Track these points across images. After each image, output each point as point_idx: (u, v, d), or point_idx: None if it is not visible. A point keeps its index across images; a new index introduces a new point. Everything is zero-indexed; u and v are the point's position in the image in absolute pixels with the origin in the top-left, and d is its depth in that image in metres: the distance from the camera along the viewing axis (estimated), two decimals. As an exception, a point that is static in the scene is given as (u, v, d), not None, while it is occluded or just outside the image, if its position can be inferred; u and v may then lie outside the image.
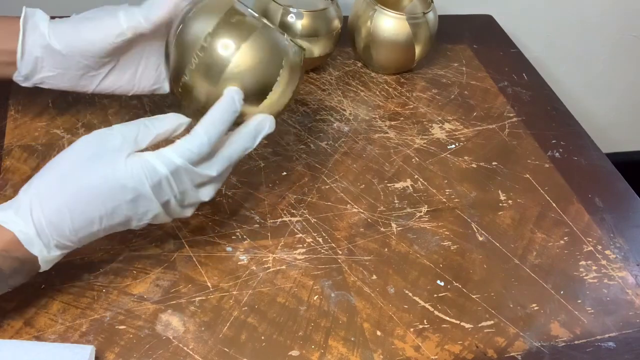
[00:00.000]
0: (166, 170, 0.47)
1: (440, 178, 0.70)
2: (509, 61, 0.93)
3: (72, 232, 0.46)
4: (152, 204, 0.48)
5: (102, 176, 0.46)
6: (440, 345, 0.54)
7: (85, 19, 0.57)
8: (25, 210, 0.45)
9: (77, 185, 0.46)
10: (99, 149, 0.47)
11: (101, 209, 0.46)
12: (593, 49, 1.20)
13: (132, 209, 0.47)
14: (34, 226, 0.45)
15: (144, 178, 0.46)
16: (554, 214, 0.69)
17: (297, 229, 0.62)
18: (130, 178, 0.46)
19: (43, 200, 0.45)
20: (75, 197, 0.46)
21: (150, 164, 0.46)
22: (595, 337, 0.58)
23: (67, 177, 0.46)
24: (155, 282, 0.55)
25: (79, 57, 0.57)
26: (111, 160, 0.46)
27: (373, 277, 0.59)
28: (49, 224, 0.45)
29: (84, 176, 0.46)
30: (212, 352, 0.51)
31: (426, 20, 0.80)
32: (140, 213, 0.48)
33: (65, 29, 0.56)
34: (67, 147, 0.48)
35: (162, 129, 0.49)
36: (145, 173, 0.46)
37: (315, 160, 0.69)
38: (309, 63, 0.80)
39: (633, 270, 0.64)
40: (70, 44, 0.56)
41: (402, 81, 0.84)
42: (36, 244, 0.45)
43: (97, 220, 0.46)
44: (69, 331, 0.50)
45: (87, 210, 0.46)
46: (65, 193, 0.46)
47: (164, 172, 0.47)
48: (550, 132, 0.80)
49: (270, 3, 0.76)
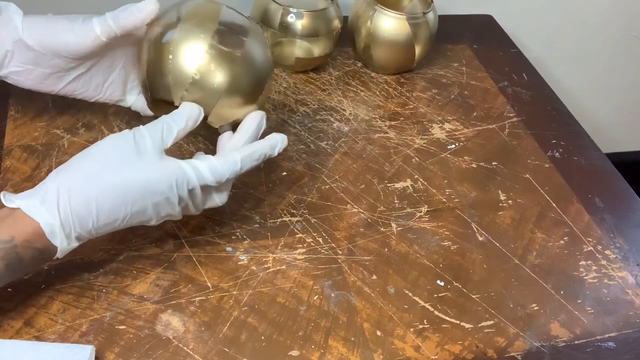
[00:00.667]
0: (197, 183, 0.50)
1: (440, 178, 0.70)
2: (509, 61, 0.93)
3: (95, 226, 0.47)
4: (175, 208, 0.50)
5: (134, 178, 0.47)
6: (440, 345, 0.54)
7: (61, 19, 0.57)
8: (52, 201, 0.45)
9: (109, 183, 0.46)
10: (130, 150, 0.48)
11: (128, 208, 0.47)
12: (593, 49, 1.20)
13: (156, 210, 0.49)
14: (59, 218, 0.45)
15: (174, 185, 0.48)
16: (554, 214, 0.69)
17: (297, 229, 0.62)
18: (163, 183, 0.48)
19: (72, 194, 0.46)
20: (105, 195, 0.46)
21: (185, 174, 0.49)
22: (595, 337, 0.58)
23: (98, 174, 0.47)
24: (155, 282, 0.55)
25: (51, 55, 0.56)
26: (144, 163, 0.47)
27: (373, 277, 0.59)
28: (75, 217, 0.46)
29: (116, 175, 0.47)
30: (212, 352, 0.51)
31: (426, 20, 0.80)
32: (162, 214, 0.50)
33: (39, 26, 0.56)
34: (97, 143, 0.49)
35: (182, 125, 0.51)
36: (177, 181, 0.48)
37: (315, 160, 0.69)
38: (309, 63, 0.80)
39: (633, 270, 0.64)
40: (44, 42, 0.56)
41: (402, 81, 0.84)
42: (58, 235, 0.46)
43: (121, 217, 0.48)
44: (69, 331, 0.50)
45: (115, 208, 0.47)
46: (95, 189, 0.46)
47: (195, 184, 0.49)
48: (550, 132, 0.80)
49: (270, 3, 0.76)
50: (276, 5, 0.76)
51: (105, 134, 0.67)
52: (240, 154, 0.52)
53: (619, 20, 1.16)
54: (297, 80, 0.80)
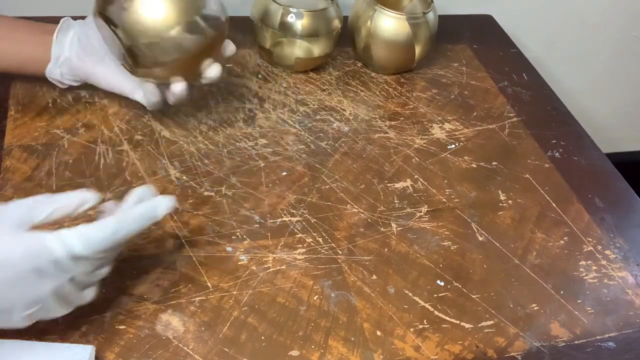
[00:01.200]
0: (64, 253, 0.42)
1: (440, 178, 0.70)
2: (509, 61, 0.93)
3: None
4: (39, 286, 0.42)
5: None
6: (440, 345, 0.54)
7: (113, 73, 0.64)
8: None
9: None
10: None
11: None
12: (593, 49, 1.20)
13: (15, 292, 0.41)
14: None
15: (28, 257, 0.41)
16: (554, 214, 0.69)
17: (297, 229, 0.62)
18: (14, 255, 0.41)
19: None
20: None
21: (45, 245, 0.42)
22: (595, 337, 0.58)
23: None
24: (155, 282, 0.55)
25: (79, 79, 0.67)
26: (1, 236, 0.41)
27: (373, 277, 0.59)
28: None
29: None
30: (212, 352, 0.51)
31: (426, 20, 0.80)
32: (27, 298, 0.42)
33: (86, 65, 0.64)
34: None
35: (62, 204, 0.45)
36: (33, 252, 0.41)
37: (315, 160, 0.69)
38: (309, 63, 0.80)
39: (633, 270, 0.64)
40: (82, 78, 0.66)
41: (402, 81, 0.84)
42: None
43: None
44: (69, 331, 0.50)
45: None
46: None
47: (60, 255, 0.42)
48: (550, 132, 0.80)
49: (270, 3, 0.76)
50: (276, 5, 0.76)
51: (105, 134, 0.67)
52: (115, 218, 0.45)
53: (619, 20, 1.16)
54: (297, 80, 0.80)
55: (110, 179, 0.62)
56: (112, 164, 0.64)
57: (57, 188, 0.60)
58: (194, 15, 0.58)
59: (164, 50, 0.58)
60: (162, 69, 0.59)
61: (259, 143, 0.70)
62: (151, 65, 0.59)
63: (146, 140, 0.67)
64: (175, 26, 0.57)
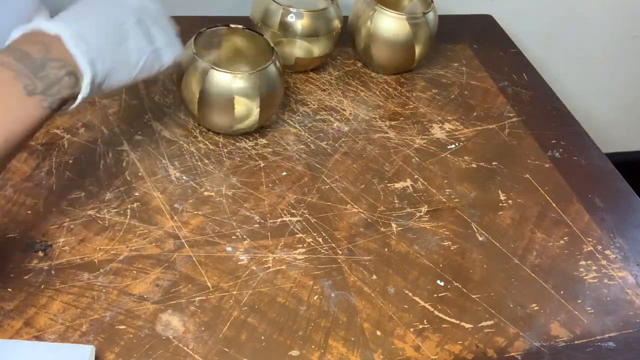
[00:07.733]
0: None
1: (440, 178, 0.70)
2: (509, 61, 0.93)
3: None
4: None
5: None
6: (440, 345, 0.54)
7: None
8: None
9: None
10: None
11: None
12: (593, 49, 1.20)
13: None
14: None
15: None
16: (554, 214, 0.69)
17: (297, 229, 0.62)
18: None
19: None
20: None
21: None
22: (595, 337, 0.58)
23: None
24: (155, 282, 0.55)
25: None
26: None
27: (373, 277, 0.59)
28: None
29: None
30: (212, 352, 0.51)
31: (426, 20, 0.80)
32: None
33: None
34: None
35: None
36: None
37: (315, 160, 0.69)
38: (309, 63, 0.80)
39: (633, 270, 0.64)
40: None
41: (402, 81, 0.84)
42: None
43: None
44: (69, 331, 0.50)
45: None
46: None
47: None
48: (550, 132, 0.80)
49: (270, 3, 0.76)
50: (276, 5, 0.76)
51: (105, 134, 0.67)
52: None
53: (619, 20, 1.16)
54: (297, 80, 0.80)
55: (111, 179, 0.62)
56: (112, 164, 0.64)
57: (57, 188, 0.60)
58: None
59: None
60: None
61: (259, 143, 0.70)
62: None
63: (146, 140, 0.67)
64: None
